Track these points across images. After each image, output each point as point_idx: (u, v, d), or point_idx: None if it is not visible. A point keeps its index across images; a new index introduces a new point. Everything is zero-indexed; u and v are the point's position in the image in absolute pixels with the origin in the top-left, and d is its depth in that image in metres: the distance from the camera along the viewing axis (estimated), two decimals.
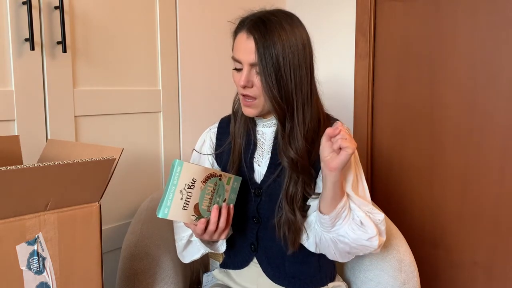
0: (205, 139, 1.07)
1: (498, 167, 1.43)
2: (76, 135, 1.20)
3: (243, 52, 0.88)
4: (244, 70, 0.89)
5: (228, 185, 0.91)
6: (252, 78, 0.89)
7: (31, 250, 0.69)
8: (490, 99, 1.43)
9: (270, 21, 0.86)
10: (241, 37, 0.89)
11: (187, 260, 1.01)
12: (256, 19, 0.87)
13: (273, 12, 0.89)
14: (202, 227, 0.86)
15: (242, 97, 0.93)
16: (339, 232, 0.90)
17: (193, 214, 0.85)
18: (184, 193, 0.83)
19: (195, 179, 0.84)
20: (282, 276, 1.00)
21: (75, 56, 1.18)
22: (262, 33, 0.85)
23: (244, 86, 0.89)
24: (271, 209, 0.96)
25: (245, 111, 0.94)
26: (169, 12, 1.41)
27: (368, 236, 0.89)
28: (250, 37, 0.86)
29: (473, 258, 1.52)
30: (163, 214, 0.82)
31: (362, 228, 0.89)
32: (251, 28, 0.86)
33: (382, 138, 1.70)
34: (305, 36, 0.90)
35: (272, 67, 0.85)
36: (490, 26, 1.41)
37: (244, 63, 0.88)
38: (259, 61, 0.85)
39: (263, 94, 0.89)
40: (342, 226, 0.89)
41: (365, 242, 0.90)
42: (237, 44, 0.90)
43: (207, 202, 0.87)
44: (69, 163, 0.68)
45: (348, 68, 1.70)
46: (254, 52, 0.86)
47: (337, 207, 0.87)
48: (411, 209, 1.65)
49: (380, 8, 1.64)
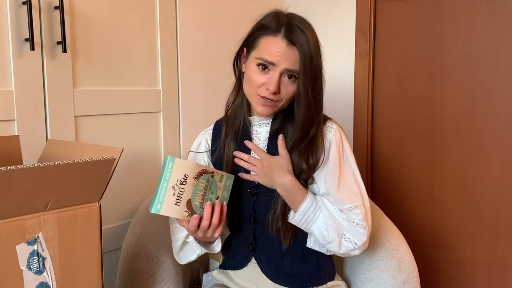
0: (200, 141, 1.07)
1: (498, 167, 1.43)
2: (76, 135, 1.20)
3: (283, 58, 0.88)
4: (275, 74, 0.89)
5: (221, 182, 0.92)
6: (280, 83, 0.90)
7: (31, 250, 0.69)
8: (490, 99, 1.43)
9: (308, 29, 0.89)
10: (276, 41, 0.88)
11: (184, 261, 1.01)
12: (293, 25, 0.88)
13: (304, 20, 0.91)
14: (195, 222, 0.86)
15: (260, 97, 0.92)
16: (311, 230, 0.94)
17: (185, 210, 0.86)
18: (176, 189, 0.84)
19: (187, 175, 0.85)
20: (280, 275, 1.00)
21: (75, 56, 1.18)
22: (302, 44, 0.87)
23: (275, 92, 0.90)
24: (267, 207, 0.96)
25: (261, 110, 0.93)
26: (169, 12, 1.41)
27: (326, 241, 0.93)
28: (292, 46, 0.87)
29: (473, 258, 1.52)
30: (156, 209, 0.82)
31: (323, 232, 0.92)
32: (292, 36, 0.87)
33: (382, 138, 1.70)
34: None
35: (311, 79, 0.88)
36: (490, 27, 1.41)
37: (279, 67, 0.89)
38: (302, 73, 0.88)
39: (286, 99, 0.92)
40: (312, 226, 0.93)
41: (328, 245, 0.93)
42: (270, 46, 0.89)
43: (199, 198, 0.88)
44: (69, 163, 0.68)
45: (348, 68, 1.70)
46: (296, 61, 0.88)
47: (300, 208, 0.92)
48: (411, 209, 1.65)
49: (380, 8, 1.64)
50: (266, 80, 0.90)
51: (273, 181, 0.94)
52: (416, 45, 1.57)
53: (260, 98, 0.92)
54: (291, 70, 0.89)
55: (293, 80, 0.90)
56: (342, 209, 0.92)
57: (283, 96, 0.91)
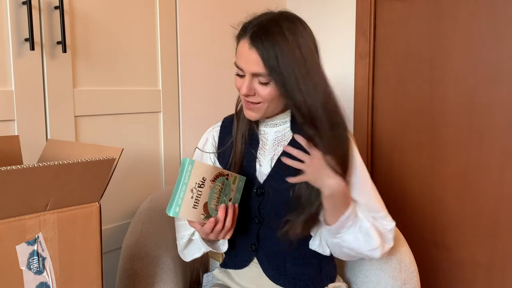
0: (207, 137, 1.07)
1: (498, 167, 1.43)
2: (76, 135, 1.20)
3: (245, 62, 0.87)
4: (246, 78, 0.89)
5: (234, 184, 0.92)
6: (255, 86, 0.89)
7: (31, 250, 0.69)
8: (490, 99, 1.43)
9: (272, 33, 0.84)
10: (243, 45, 0.88)
11: (188, 258, 1.01)
12: (258, 29, 0.85)
13: (276, 19, 0.86)
14: (211, 226, 0.87)
15: (244, 100, 0.93)
16: (343, 238, 0.92)
17: (202, 213, 0.86)
18: (195, 192, 0.83)
19: (205, 178, 0.85)
20: (282, 276, 1.00)
21: (75, 56, 1.18)
22: (264, 45, 0.83)
23: (247, 95, 0.90)
24: (272, 209, 0.96)
25: (247, 114, 0.94)
26: (169, 12, 1.41)
27: (369, 248, 0.92)
28: (253, 48, 0.85)
29: (473, 258, 1.52)
30: (174, 212, 0.82)
31: (366, 238, 0.91)
32: (253, 38, 0.85)
33: (382, 138, 1.70)
34: (311, 42, 0.88)
35: (279, 79, 0.85)
36: (490, 26, 1.41)
37: (246, 72, 0.88)
38: (267, 73, 0.85)
39: (267, 101, 0.90)
40: (347, 234, 0.91)
41: (366, 252, 0.93)
42: (239, 51, 0.90)
43: (215, 201, 0.88)
44: (69, 163, 0.68)
45: (348, 68, 1.70)
46: (256, 63, 0.85)
47: (340, 219, 0.89)
48: (411, 209, 1.65)
49: (380, 8, 1.64)
50: (242, 83, 0.90)
51: (323, 181, 0.87)
52: (416, 45, 1.57)
53: (244, 101, 0.93)
54: (257, 73, 0.86)
55: (266, 82, 0.87)
56: (375, 216, 0.94)
57: (262, 98, 0.89)
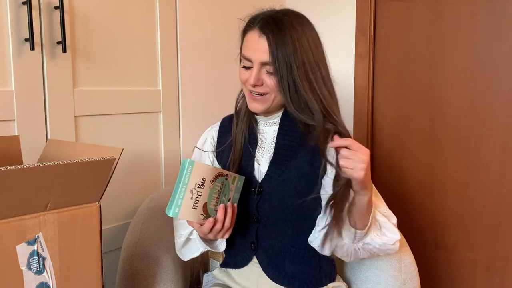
0: (206, 137, 1.08)
1: (498, 167, 1.43)
2: (76, 135, 1.20)
3: (255, 51, 0.88)
4: (254, 69, 0.89)
5: (233, 184, 0.92)
6: (262, 76, 0.90)
7: (31, 250, 0.69)
8: (490, 99, 1.43)
9: (282, 21, 0.86)
10: (252, 35, 0.89)
11: (186, 257, 1.02)
12: (268, 18, 0.87)
13: (284, 12, 0.90)
14: (210, 226, 0.87)
15: (249, 92, 0.93)
16: (365, 240, 0.90)
17: (201, 213, 0.86)
18: (194, 193, 0.84)
19: (205, 178, 0.85)
20: (282, 275, 1.00)
21: (75, 56, 1.18)
22: (275, 33, 0.85)
23: (255, 85, 0.90)
24: (271, 207, 0.96)
25: (252, 106, 0.94)
26: (169, 12, 1.41)
27: (393, 240, 0.91)
28: (263, 36, 0.86)
29: (473, 258, 1.52)
30: (174, 213, 0.82)
31: (387, 232, 0.91)
32: (263, 28, 0.87)
33: (382, 138, 1.70)
34: (315, 36, 0.91)
35: (285, 68, 0.85)
36: (490, 26, 1.41)
37: (255, 62, 0.89)
38: (272, 61, 0.86)
39: (274, 91, 0.90)
40: (368, 234, 0.90)
41: (390, 246, 0.92)
42: (247, 42, 0.91)
43: (214, 201, 0.88)
44: (69, 163, 0.68)
45: (348, 68, 1.70)
46: (267, 51, 0.86)
47: (370, 220, 0.88)
48: (411, 209, 1.64)
49: (380, 8, 1.64)
50: (249, 74, 0.90)
51: (367, 178, 0.82)
52: (416, 45, 1.57)
53: (249, 93, 0.93)
54: (266, 62, 0.87)
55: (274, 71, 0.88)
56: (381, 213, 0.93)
57: (270, 89, 0.90)
